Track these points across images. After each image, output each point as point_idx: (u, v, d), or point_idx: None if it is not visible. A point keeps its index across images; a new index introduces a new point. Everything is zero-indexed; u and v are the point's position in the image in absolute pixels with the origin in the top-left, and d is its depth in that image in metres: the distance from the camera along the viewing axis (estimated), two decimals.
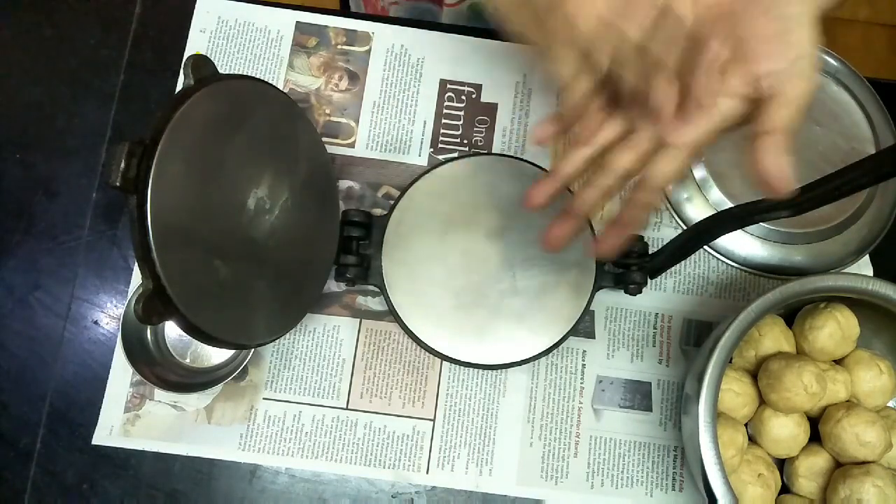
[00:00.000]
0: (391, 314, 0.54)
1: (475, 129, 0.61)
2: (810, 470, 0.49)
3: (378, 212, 0.57)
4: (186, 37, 0.61)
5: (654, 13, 0.32)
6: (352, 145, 0.60)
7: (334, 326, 0.56)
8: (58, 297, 0.56)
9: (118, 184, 0.35)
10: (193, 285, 0.40)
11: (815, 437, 0.51)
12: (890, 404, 0.53)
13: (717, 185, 0.57)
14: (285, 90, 0.60)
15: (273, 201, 0.47)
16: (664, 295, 0.58)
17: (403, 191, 0.56)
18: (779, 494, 0.50)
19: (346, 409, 0.55)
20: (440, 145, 0.60)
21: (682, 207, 0.59)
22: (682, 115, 0.34)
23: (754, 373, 0.52)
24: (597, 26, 0.33)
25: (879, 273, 0.58)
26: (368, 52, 0.62)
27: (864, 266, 0.59)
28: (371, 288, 0.57)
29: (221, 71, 0.43)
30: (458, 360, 0.53)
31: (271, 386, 0.55)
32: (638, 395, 0.56)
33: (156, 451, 0.53)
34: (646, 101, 0.34)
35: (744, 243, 0.57)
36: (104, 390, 0.54)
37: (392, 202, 0.56)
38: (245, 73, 0.59)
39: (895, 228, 0.59)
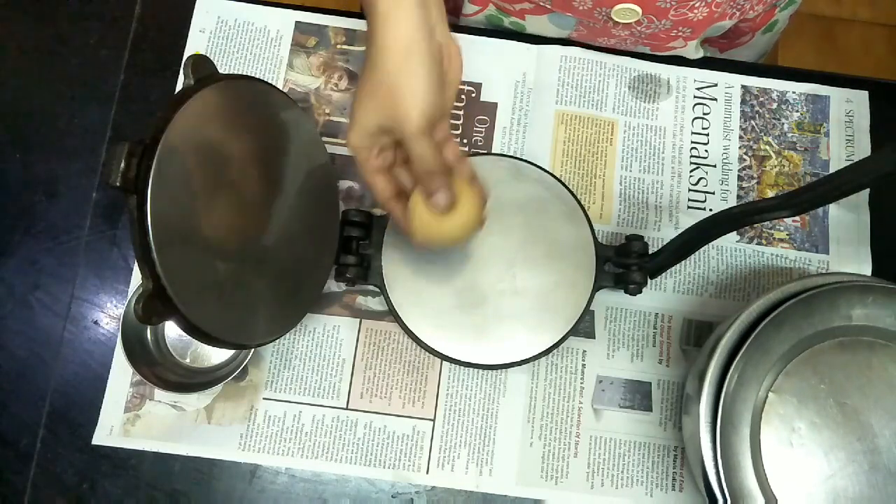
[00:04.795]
0: (391, 314, 0.54)
1: (475, 128, 0.61)
2: None
3: (378, 212, 0.57)
4: (186, 37, 0.61)
5: None
6: None
7: (334, 326, 0.56)
8: (58, 297, 0.56)
9: (118, 184, 0.35)
10: (193, 285, 0.39)
11: None
12: None
13: None
14: (285, 90, 0.60)
15: (273, 201, 0.47)
16: (664, 295, 0.58)
17: None
18: None
19: (346, 409, 0.55)
20: None
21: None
22: None
23: None
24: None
25: (880, 273, 0.58)
26: None
27: (864, 266, 0.59)
28: (371, 288, 0.57)
29: (221, 71, 0.43)
30: (458, 360, 0.53)
31: (271, 386, 0.55)
32: (638, 395, 0.56)
33: (156, 451, 0.53)
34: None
35: None
36: (104, 390, 0.54)
37: None
38: (245, 73, 0.59)
39: (894, 228, 0.60)
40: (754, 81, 0.63)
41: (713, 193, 0.60)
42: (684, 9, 0.54)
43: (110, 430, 0.54)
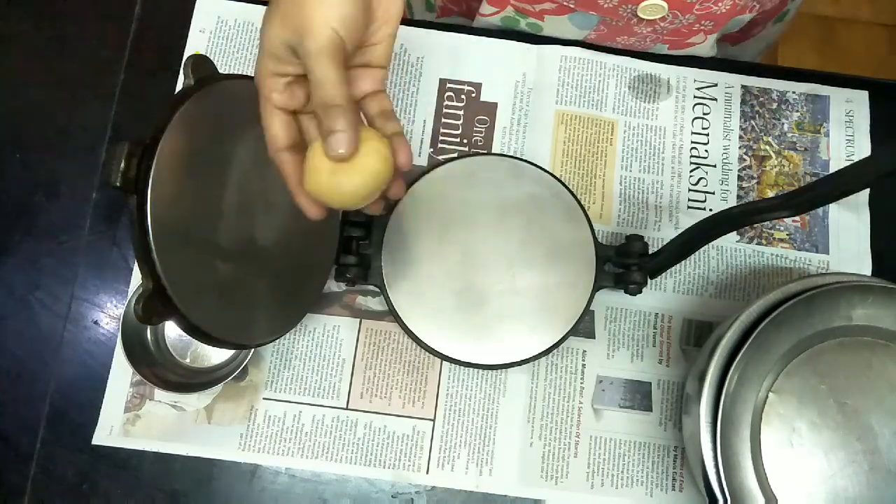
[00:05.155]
0: (391, 314, 0.54)
1: (475, 128, 0.61)
2: None
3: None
4: (186, 37, 0.61)
5: None
6: None
7: (334, 326, 0.56)
8: (58, 297, 0.56)
9: (118, 184, 0.35)
10: (193, 285, 0.40)
11: None
12: None
13: None
14: None
15: (273, 201, 0.47)
16: (664, 295, 0.58)
17: None
18: None
19: (346, 409, 0.55)
20: (440, 145, 0.60)
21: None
22: None
23: None
24: None
25: (880, 273, 0.58)
26: None
27: (864, 266, 0.59)
28: (371, 288, 0.57)
29: (221, 71, 0.43)
30: (458, 360, 0.53)
31: (271, 386, 0.55)
32: (638, 395, 0.56)
33: (156, 451, 0.53)
34: None
35: None
36: (104, 390, 0.54)
37: (392, 202, 0.56)
38: (245, 73, 0.59)
39: (894, 228, 0.60)
40: (754, 81, 0.63)
41: (713, 193, 0.60)
42: (709, 2, 0.54)
43: (110, 430, 0.54)
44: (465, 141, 0.60)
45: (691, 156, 0.61)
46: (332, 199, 0.39)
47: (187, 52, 0.61)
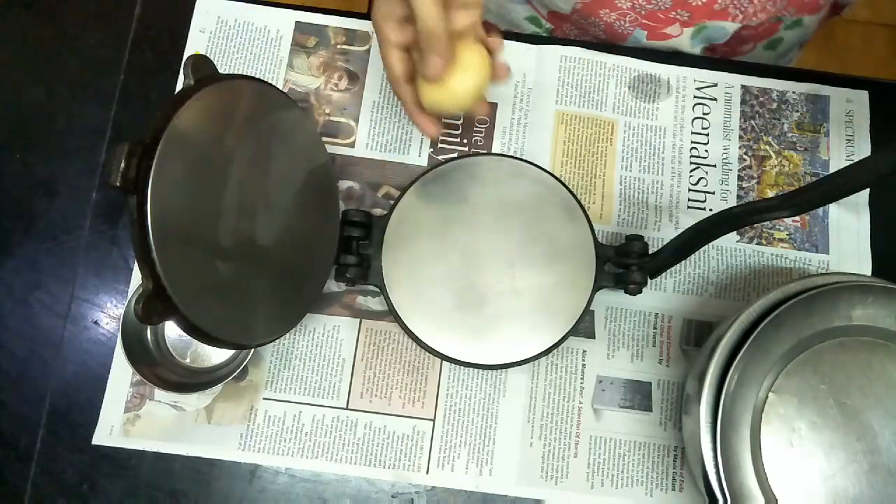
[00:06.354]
0: (391, 314, 0.54)
1: (475, 128, 0.61)
2: None
3: (378, 212, 0.57)
4: (186, 37, 0.61)
5: None
6: (352, 145, 0.60)
7: (334, 326, 0.56)
8: (58, 297, 0.56)
9: (118, 184, 0.35)
10: (193, 285, 0.40)
11: None
12: None
13: None
14: (285, 90, 0.60)
15: (273, 201, 0.47)
16: (664, 295, 0.58)
17: (403, 191, 0.56)
18: None
19: (346, 409, 0.55)
20: (440, 145, 0.60)
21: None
22: None
23: None
24: None
25: (880, 273, 0.58)
26: (368, 51, 0.62)
27: (864, 266, 0.59)
28: (371, 288, 0.57)
29: (221, 71, 0.43)
30: (458, 360, 0.53)
31: (271, 386, 0.55)
32: (638, 395, 0.56)
33: (156, 451, 0.53)
34: None
35: None
36: (104, 390, 0.54)
37: (392, 202, 0.56)
38: (245, 73, 0.59)
39: (894, 228, 0.60)
40: (754, 81, 0.63)
41: (713, 193, 0.60)
42: None
43: (110, 430, 0.54)
44: (465, 141, 0.60)
45: (691, 156, 0.61)
46: (442, 106, 0.49)
47: (187, 52, 0.61)
